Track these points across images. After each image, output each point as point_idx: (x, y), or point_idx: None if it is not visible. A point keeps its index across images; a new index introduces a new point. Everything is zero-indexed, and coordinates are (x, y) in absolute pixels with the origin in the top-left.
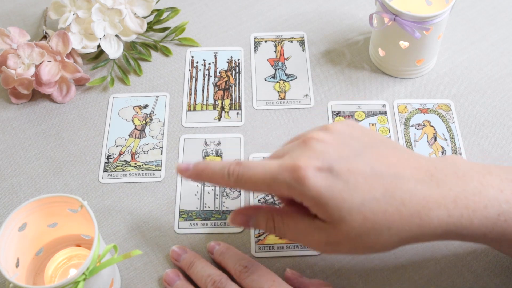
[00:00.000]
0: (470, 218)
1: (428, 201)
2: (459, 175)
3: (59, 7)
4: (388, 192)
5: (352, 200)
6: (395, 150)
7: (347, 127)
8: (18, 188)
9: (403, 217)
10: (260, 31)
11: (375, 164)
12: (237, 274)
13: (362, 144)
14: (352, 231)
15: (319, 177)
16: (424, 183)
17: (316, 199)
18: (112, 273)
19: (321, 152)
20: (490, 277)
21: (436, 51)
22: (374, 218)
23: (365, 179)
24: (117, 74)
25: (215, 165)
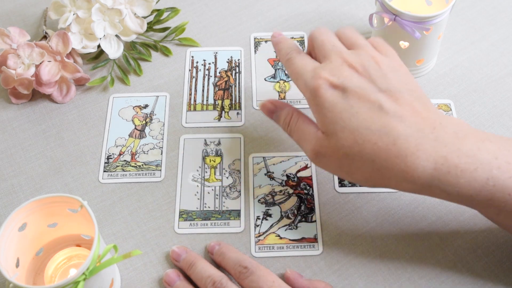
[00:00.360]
0: (457, 176)
1: (419, 149)
2: (458, 136)
3: (59, 7)
4: (385, 128)
5: (349, 122)
6: (415, 99)
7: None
8: (18, 188)
9: (390, 155)
10: (260, 31)
11: (386, 103)
12: (237, 275)
13: (388, 84)
14: (341, 149)
15: (330, 91)
16: (423, 132)
17: (319, 107)
18: (112, 273)
19: (346, 76)
20: (490, 277)
21: (436, 51)
22: (363, 145)
23: (369, 110)
24: (117, 74)
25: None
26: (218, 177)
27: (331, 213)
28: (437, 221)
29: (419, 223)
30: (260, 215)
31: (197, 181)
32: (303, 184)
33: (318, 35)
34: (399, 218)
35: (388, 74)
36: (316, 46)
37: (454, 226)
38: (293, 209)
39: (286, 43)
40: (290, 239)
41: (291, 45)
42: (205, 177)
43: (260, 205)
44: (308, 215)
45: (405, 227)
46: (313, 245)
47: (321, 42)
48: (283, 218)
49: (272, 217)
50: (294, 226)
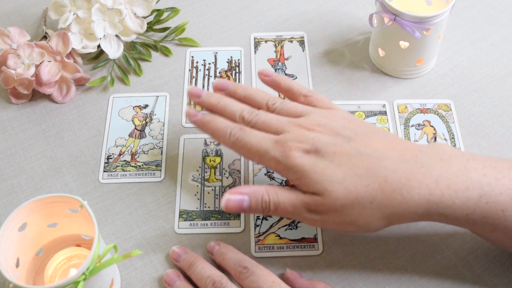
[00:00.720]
0: (452, 198)
1: (410, 180)
2: (443, 158)
3: (59, 7)
4: (371, 170)
5: (334, 175)
6: (385, 137)
7: (340, 115)
8: (18, 188)
9: (385, 193)
10: (260, 31)
11: (362, 147)
12: (237, 275)
13: (353, 133)
14: (337, 201)
15: (305, 157)
16: (408, 162)
17: (299, 173)
18: (112, 273)
19: (313, 139)
20: (490, 277)
21: (436, 51)
22: (357, 191)
23: (349, 159)
24: (117, 74)
25: (221, 122)
26: (218, 177)
27: None
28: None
29: (419, 223)
30: (260, 215)
31: (197, 181)
32: None
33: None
34: None
35: (346, 124)
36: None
37: (454, 226)
38: None
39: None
40: (290, 239)
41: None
42: (205, 177)
43: None
44: None
45: (405, 227)
46: (313, 245)
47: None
48: (283, 218)
49: (272, 217)
50: (294, 226)
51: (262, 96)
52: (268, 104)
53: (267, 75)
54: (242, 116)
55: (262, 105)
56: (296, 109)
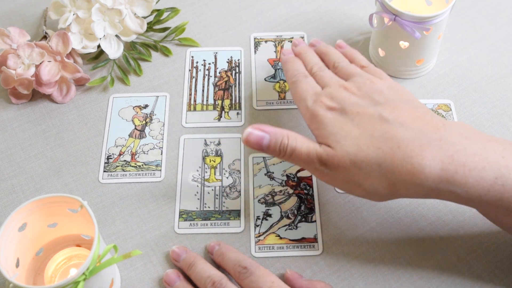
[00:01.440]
0: (465, 176)
1: (424, 150)
2: (463, 135)
3: (59, 7)
4: (387, 134)
5: (350, 131)
6: (414, 108)
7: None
8: (18, 188)
9: (395, 158)
10: (260, 31)
11: (386, 113)
12: (237, 275)
13: (385, 98)
14: (347, 156)
15: (329, 112)
16: (426, 134)
17: (319, 123)
18: (112, 273)
19: (343, 99)
20: (490, 277)
21: (436, 51)
22: (367, 151)
23: (369, 120)
24: (117, 74)
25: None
26: (218, 177)
27: (331, 213)
28: (437, 221)
29: (419, 223)
30: (260, 215)
31: (197, 181)
32: (303, 184)
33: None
34: (399, 218)
35: (384, 90)
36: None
37: (454, 226)
38: (293, 209)
39: (293, 64)
40: (290, 239)
41: (298, 67)
42: (205, 177)
43: (260, 205)
44: (308, 215)
45: (405, 227)
46: (313, 245)
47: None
48: (283, 218)
49: (272, 217)
50: (294, 226)
51: (334, 56)
52: (334, 63)
53: (341, 47)
54: (311, 67)
55: (331, 63)
56: (350, 71)
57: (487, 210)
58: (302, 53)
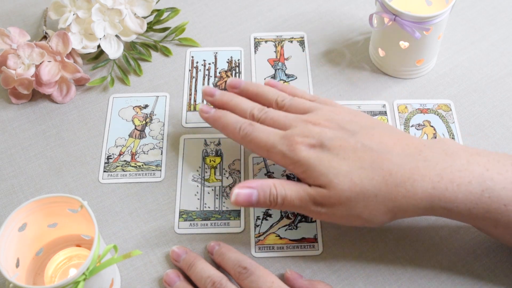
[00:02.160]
0: (455, 192)
1: (414, 173)
2: (447, 153)
3: (59, 7)
4: (376, 163)
5: (339, 167)
6: (390, 131)
7: (346, 110)
8: (18, 188)
9: (389, 186)
10: (260, 31)
11: (367, 141)
12: (237, 275)
13: (359, 126)
14: (343, 194)
15: (311, 151)
16: (412, 156)
17: (305, 166)
18: (112, 273)
19: (318, 133)
20: (490, 277)
21: (436, 51)
22: (362, 184)
23: (354, 152)
24: (117, 74)
25: (231, 117)
26: (218, 177)
27: None
28: (437, 221)
29: (419, 223)
30: (260, 215)
31: (197, 181)
32: None
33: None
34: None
35: (352, 118)
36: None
37: (454, 226)
38: None
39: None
40: (290, 239)
41: (235, 118)
42: (205, 177)
43: None
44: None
45: (405, 227)
46: (313, 245)
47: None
48: (283, 218)
49: (272, 217)
50: (294, 226)
51: (272, 93)
52: (277, 101)
53: (273, 85)
54: (252, 113)
55: (272, 102)
56: (304, 106)
57: (477, 223)
58: (228, 102)
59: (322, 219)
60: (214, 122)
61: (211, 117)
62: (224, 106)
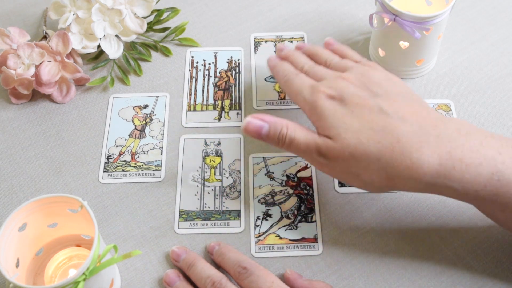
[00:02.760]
0: (462, 171)
1: (423, 146)
2: (461, 132)
3: (59, 7)
4: (387, 128)
5: (351, 123)
6: (413, 102)
7: (381, 74)
8: (18, 188)
9: (394, 153)
10: (260, 31)
11: (385, 106)
12: (236, 275)
13: (384, 90)
14: (346, 149)
15: (329, 101)
16: (425, 130)
17: (320, 114)
18: (112, 273)
19: (341, 87)
20: (490, 277)
21: (436, 51)
22: (367, 144)
23: (369, 112)
24: (117, 74)
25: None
26: (218, 177)
27: (331, 213)
28: (437, 221)
29: (419, 223)
30: (260, 215)
31: (197, 181)
32: (303, 184)
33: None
34: (399, 218)
35: (382, 82)
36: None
37: (454, 226)
38: (293, 209)
39: (282, 66)
40: (290, 239)
41: (288, 67)
42: (205, 177)
43: (260, 205)
44: (308, 215)
45: (405, 227)
46: (313, 245)
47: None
48: (283, 218)
49: (272, 217)
50: (294, 226)
51: (325, 55)
52: (327, 61)
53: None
54: (302, 67)
55: (323, 62)
56: (346, 65)
57: (483, 205)
58: (289, 56)
59: (322, 170)
60: (272, 68)
61: (271, 63)
62: (286, 58)
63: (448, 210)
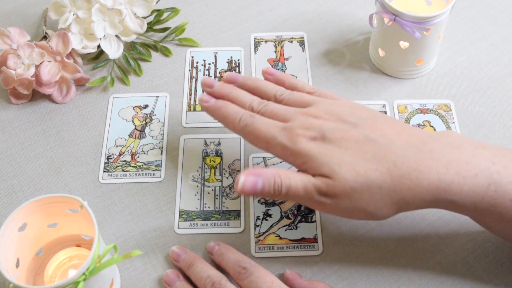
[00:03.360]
0: (460, 184)
1: (419, 165)
2: (453, 145)
3: (59, 7)
4: (379, 155)
5: (342, 157)
6: (393, 123)
7: (346, 103)
8: (18, 188)
9: (394, 177)
10: (260, 31)
11: (370, 133)
12: (236, 275)
13: (360, 118)
14: (347, 184)
15: (312, 143)
16: (417, 148)
17: (306, 157)
18: (112, 273)
19: (319, 125)
20: (490, 277)
21: (436, 51)
22: (366, 175)
23: (356, 143)
24: (117, 74)
25: (232, 108)
26: (218, 177)
27: None
28: (437, 221)
29: (419, 224)
30: (260, 215)
31: (197, 181)
32: None
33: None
34: (399, 218)
35: (353, 111)
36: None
37: (454, 226)
38: (293, 209)
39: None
40: (290, 239)
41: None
42: (205, 177)
43: (260, 205)
44: (308, 215)
45: (405, 228)
46: (313, 246)
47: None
48: (283, 218)
49: (272, 217)
50: (294, 226)
51: (271, 87)
52: (276, 95)
53: (271, 74)
54: (251, 106)
55: (271, 96)
56: (303, 99)
57: (481, 216)
58: (227, 94)
59: (325, 211)
60: (214, 112)
61: (211, 107)
62: (223, 98)
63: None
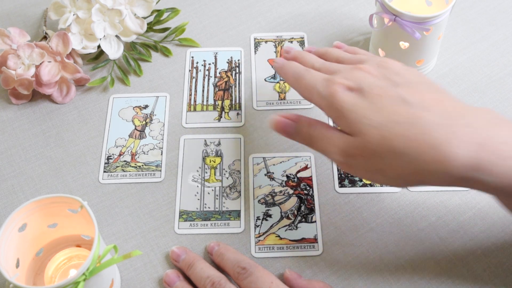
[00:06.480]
0: (495, 164)
1: (451, 137)
2: (491, 122)
3: (59, 7)
4: (411, 119)
5: (373, 118)
6: (435, 91)
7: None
8: (18, 188)
9: (421, 146)
10: (260, 31)
11: (408, 95)
12: (236, 276)
13: (404, 79)
14: (369, 146)
15: (347, 94)
16: (453, 120)
17: (339, 111)
18: (112, 274)
19: (360, 78)
20: (490, 277)
21: (436, 52)
22: (392, 139)
23: (391, 104)
24: (117, 74)
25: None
26: (218, 178)
27: (331, 214)
28: (437, 221)
29: (419, 224)
30: (260, 216)
31: (197, 182)
32: (303, 184)
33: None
34: (399, 218)
35: (401, 72)
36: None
37: (454, 227)
38: (293, 210)
39: (290, 65)
40: (290, 239)
41: (297, 66)
42: (205, 177)
43: (260, 206)
44: (308, 216)
45: (405, 228)
46: (313, 246)
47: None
48: (283, 218)
49: (272, 218)
50: (294, 227)
51: (335, 52)
52: (338, 58)
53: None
54: (312, 65)
55: (334, 59)
56: (360, 58)
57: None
58: (297, 57)
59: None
60: (280, 68)
61: (278, 64)
62: (294, 59)
63: (448, 210)
